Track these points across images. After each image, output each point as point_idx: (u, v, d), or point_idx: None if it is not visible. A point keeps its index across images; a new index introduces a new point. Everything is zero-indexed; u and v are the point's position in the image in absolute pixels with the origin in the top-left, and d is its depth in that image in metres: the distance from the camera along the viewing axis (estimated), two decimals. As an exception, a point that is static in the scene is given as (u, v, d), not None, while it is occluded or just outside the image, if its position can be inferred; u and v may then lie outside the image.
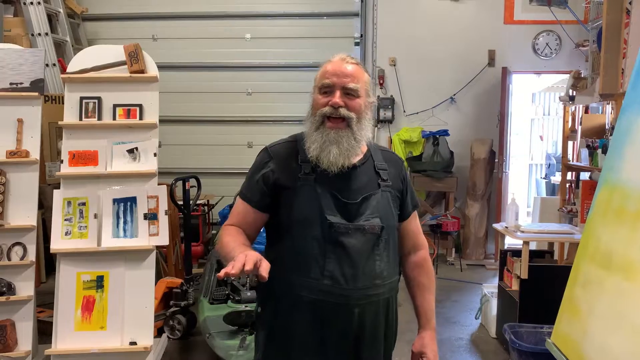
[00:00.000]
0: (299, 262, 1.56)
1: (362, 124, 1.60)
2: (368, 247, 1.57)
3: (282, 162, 1.62)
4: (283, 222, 1.60)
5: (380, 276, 1.59)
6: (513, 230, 3.75)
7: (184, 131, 6.41)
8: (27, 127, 3.33)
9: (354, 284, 1.55)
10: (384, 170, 1.66)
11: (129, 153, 3.36)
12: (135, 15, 6.42)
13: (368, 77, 1.65)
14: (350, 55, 1.64)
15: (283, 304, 1.60)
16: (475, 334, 4.09)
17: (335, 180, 1.58)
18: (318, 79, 1.62)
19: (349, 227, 1.55)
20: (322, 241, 1.54)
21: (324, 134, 1.56)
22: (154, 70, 3.45)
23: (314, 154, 1.56)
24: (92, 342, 3.16)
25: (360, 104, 1.58)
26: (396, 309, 1.72)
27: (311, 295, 1.55)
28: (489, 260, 6.04)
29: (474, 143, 6.09)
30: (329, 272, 1.54)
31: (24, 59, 3.40)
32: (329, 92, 1.58)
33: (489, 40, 6.23)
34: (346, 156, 1.56)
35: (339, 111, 1.56)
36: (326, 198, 1.56)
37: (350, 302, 1.55)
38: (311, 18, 6.38)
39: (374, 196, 1.60)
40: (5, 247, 3.23)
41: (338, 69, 1.58)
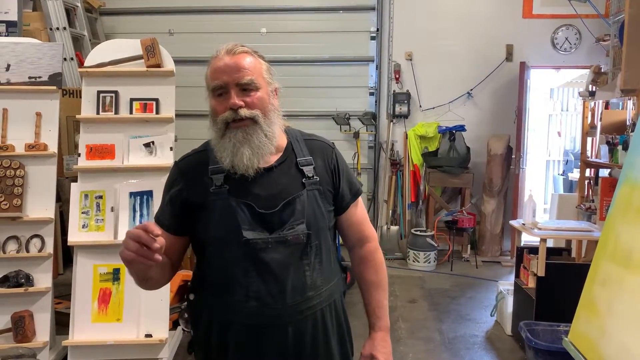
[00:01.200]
0: (222, 285, 1.43)
1: (270, 118, 1.43)
2: (294, 259, 1.42)
3: (192, 178, 1.46)
4: (202, 242, 1.47)
5: (312, 287, 1.45)
6: (530, 227, 3.71)
7: (199, 125, 6.39)
8: (45, 120, 3.36)
9: (283, 301, 1.41)
10: (308, 166, 1.47)
11: (146, 147, 3.39)
12: (152, 10, 6.45)
13: (265, 63, 1.46)
14: (237, 44, 1.45)
15: (214, 328, 1.47)
16: (491, 331, 4.06)
17: (251, 188, 1.41)
18: (208, 81, 1.42)
19: (269, 241, 1.39)
20: (241, 260, 1.39)
21: (231, 137, 1.38)
22: (171, 64, 3.47)
23: (227, 162, 1.39)
24: (108, 334, 3.20)
25: (261, 97, 1.41)
26: (343, 309, 1.59)
27: (240, 319, 1.42)
28: (504, 257, 5.99)
29: (491, 139, 6.03)
30: (254, 293, 1.40)
31: (43, 53, 3.43)
32: (223, 92, 1.39)
33: (507, 34, 6.15)
34: (260, 155, 1.39)
35: (239, 113, 1.37)
36: (242, 211, 1.39)
37: (282, 322, 1.42)
38: (327, 12, 6.35)
39: (297, 199, 1.43)
40: (23, 239, 3.28)
41: (227, 64, 1.39)
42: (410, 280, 5.23)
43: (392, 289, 4.87)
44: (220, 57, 1.42)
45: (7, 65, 3.36)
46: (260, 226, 1.40)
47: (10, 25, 5.08)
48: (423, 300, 4.69)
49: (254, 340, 1.43)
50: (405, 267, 5.65)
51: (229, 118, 1.38)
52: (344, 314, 1.59)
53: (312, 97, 6.21)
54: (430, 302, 4.62)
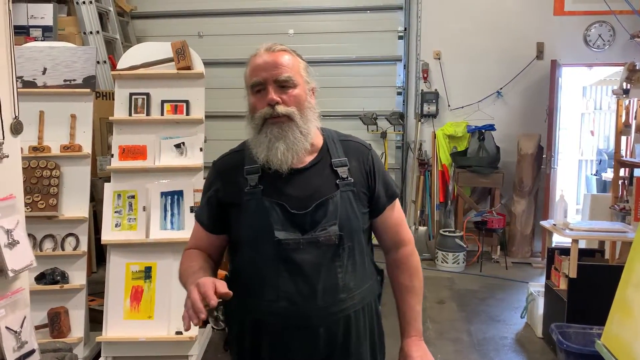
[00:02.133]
0: (254, 285, 1.44)
1: (306, 115, 1.44)
2: (326, 261, 1.41)
3: (228, 178, 1.49)
4: (236, 242, 1.49)
5: (345, 289, 1.44)
6: (561, 228, 3.64)
7: (228, 126, 6.50)
8: (79, 122, 3.46)
9: (314, 303, 1.40)
10: (342, 167, 1.47)
11: (176, 148, 3.45)
12: (182, 13, 6.55)
13: (303, 62, 1.49)
14: (276, 43, 1.48)
15: (247, 327, 1.48)
16: (521, 333, 4.01)
17: (285, 188, 1.42)
18: (247, 78, 1.46)
19: (300, 242, 1.39)
20: (273, 260, 1.40)
21: (267, 133, 1.41)
22: (200, 66, 3.52)
23: (262, 157, 1.41)
24: (140, 331, 3.27)
25: (298, 94, 1.43)
26: (378, 315, 1.58)
27: (271, 318, 1.43)
28: (535, 258, 5.89)
29: (521, 138, 5.94)
30: (285, 293, 1.40)
31: (77, 56, 3.53)
32: (262, 89, 1.42)
33: (538, 32, 6.05)
34: (294, 151, 1.40)
35: (276, 109, 1.40)
36: (275, 211, 1.40)
37: (313, 323, 1.42)
38: (354, 12, 6.35)
39: (331, 200, 1.42)
40: (59, 237, 3.37)
41: (266, 62, 1.42)
42: (439, 281, 5.19)
43: (420, 290, 4.84)
44: (259, 55, 1.45)
45: (44, 68, 3.47)
46: (292, 227, 1.40)
47: (46, 30, 5.24)
48: (452, 302, 4.65)
49: (285, 340, 1.44)
50: (434, 268, 5.61)
51: (267, 114, 1.40)
52: (378, 317, 1.57)
53: (339, 97, 6.21)
54: (459, 303, 4.58)
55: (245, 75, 1.47)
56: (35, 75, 3.45)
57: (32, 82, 3.43)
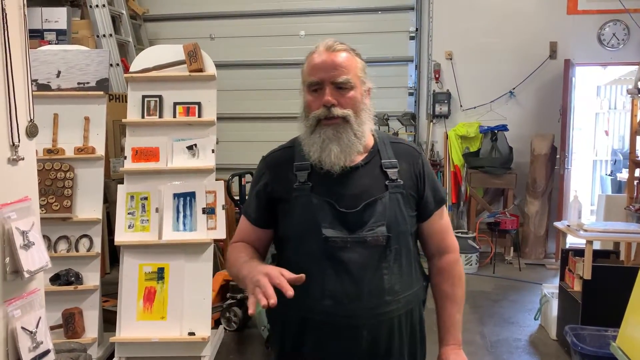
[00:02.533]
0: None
1: (361, 118, 1.42)
2: (373, 261, 1.40)
3: (278, 173, 1.48)
4: (282, 237, 1.49)
5: (390, 292, 1.42)
6: (576, 229, 3.61)
7: (240, 128, 6.54)
8: (93, 124, 3.49)
9: (359, 302, 1.39)
10: (392, 169, 1.45)
11: (189, 149, 3.47)
12: (194, 15, 6.58)
13: (361, 62, 1.47)
14: (337, 41, 1.46)
15: (289, 325, 1.48)
16: (535, 335, 3.97)
17: (334, 187, 1.42)
18: (305, 76, 1.44)
19: (347, 241, 1.38)
20: (320, 258, 1.39)
21: (321, 133, 1.40)
22: (212, 68, 3.54)
23: (315, 157, 1.40)
24: (153, 332, 3.29)
25: (355, 96, 1.41)
26: (421, 322, 1.55)
27: (315, 316, 1.42)
28: (549, 259, 5.84)
29: (535, 138, 5.89)
30: (330, 292, 1.39)
31: (90, 59, 3.56)
32: (318, 89, 1.40)
33: (551, 31, 6.00)
34: (347, 153, 1.39)
35: (332, 111, 1.38)
36: (323, 209, 1.40)
37: (357, 323, 1.40)
38: (366, 13, 6.35)
39: (379, 201, 1.41)
40: (73, 238, 3.41)
41: (324, 61, 1.40)
42: (451, 282, 5.16)
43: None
44: (318, 53, 1.43)
45: (58, 72, 3.51)
46: (340, 225, 1.39)
47: (60, 33, 5.30)
48: (464, 303, 4.60)
49: (328, 339, 1.43)
50: (446, 269, 5.58)
51: (322, 115, 1.39)
52: (421, 324, 1.54)
53: (351, 99, 6.21)
54: (471, 305, 4.55)
55: (303, 72, 1.45)
56: (50, 79, 3.49)
57: (46, 85, 3.47)
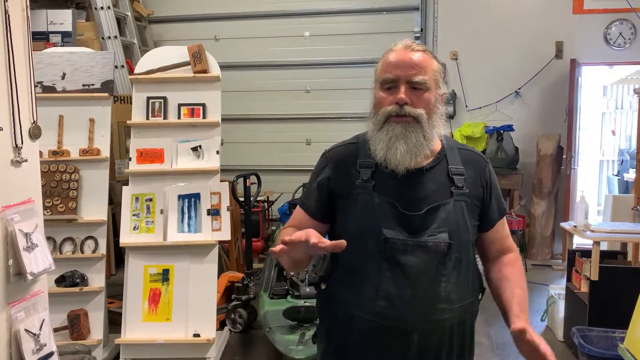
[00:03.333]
0: (353, 279, 1.42)
1: (433, 121, 1.39)
2: (432, 267, 1.37)
3: (340, 168, 1.47)
4: (339, 234, 1.45)
5: (446, 300, 1.39)
6: (582, 230, 3.59)
7: (244, 129, 6.54)
8: (98, 126, 3.50)
9: (413, 307, 1.36)
10: (459, 176, 1.42)
11: (193, 151, 3.47)
12: (198, 17, 6.59)
13: (438, 66, 1.43)
14: (416, 42, 1.42)
15: (338, 321, 1.47)
16: (541, 336, 3.94)
17: (398, 188, 1.39)
18: (379, 72, 1.41)
19: (408, 244, 1.36)
20: (377, 258, 1.37)
21: (389, 130, 1.37)
22: (217, 70, 3.54)
23: (380, 155, 1.38)
24: (158, 333, 3.29)
25: (429, 98, 1.38)
26: (472, 335, 1.52)
27: (365, 316, 1.40)
28: (555, 260, 5.81)
29: (540, 139, 5.86)
30: (384, 293, 1.37)
31: (95, 61, 3.57)
32: (392, 87, 1.38)
33: (557, 31, 5.97)
34: (414, 154, 1.36)
35: (404, 109, 1.35)
36: (385, 209, 1.38)
37: (408, 327, 1.38)
38: (370, 14, 6.33)
39: (443, 207, 1.38)
40: (78, 240, 3.41)
41: (402, 60, 1.37)
42: (457, 283, 5.14)
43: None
44: (397, 50, 1.40)
45: (63, 73, 3.52)
46: (400, 227, 1.37)
47: (65, 35, 5.32)
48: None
49: (376, 339, 1.41)
50: (452, 270, 5.55)
51: (392, 112, 1.37)
52: (471, 336, 1.51)
53: (356, 99, 6.19)
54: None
55: (377, 70, 1.43)
56: (55, 80, 3.50)
57: (51, 87, 3.48)
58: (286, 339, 3.16)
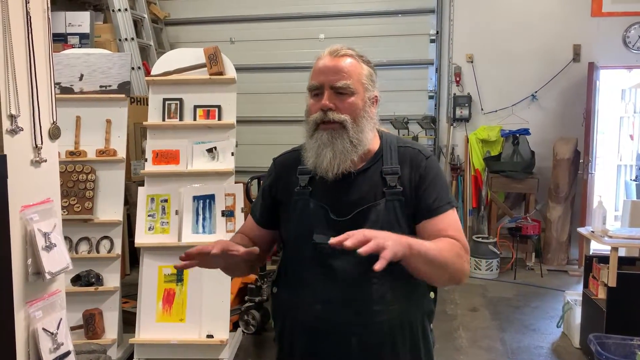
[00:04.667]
0: (295, 283, 1.45)
1: (360, 125, 1.39)
2: (361, 269, 1.33)
3: (283, 176, 1.51)
4: (284, 239, 1.51)
5: (380, 301, 1.38)
6: (600, 235, 3.53)
7: (259, 131, 6.55)
8: (114, 127, 3.52)
9: (347, 310, 1.38)
10: (392, 175, 1.41)
11: (208, 152, 3.48)
12: (214, 19, 6.62)
13: (366, 69, 1.44)
14: (345, 46, 1.44)
15: (288, 324, 1.50)
16: (557, 343, 3.90)
17: (331, 193, 1.41)
18: (309, 80, 1.44)
19: (336, 248, 1.27)
20: (311, 263, 1.40)
21: (318, 138, 1.39)
22: (232, 72, 3.55)
23: (310, 162, 1.40)
24: (172, 333, 3.30)
25: (354, 102, 1.39)
26: (425, 335, 1.47)
27: (306, 319, 1.43)
28: (572, 266, 5.73)
29: (557, 142, 5.79)
30: (320, 297, 1.40)
31: (113, 62, 3.60)
32: (319, 93, 1.40)
33: (575, 34, 5.90)
34: (341, 160, 1.37)
35: (328, 115, 1.37)
36: (318, 214, 1.41)
37: (346, 330, 1.39)
38: (385, 16, 6.31)
39: (373, 208, 1.38)
40: (94, 240, 3.44)
41: (325, 66, 1.40)
42: (472, 288, 5.10)
43: (453, 297, 4.76)
44: (322, 58, 1.43)
45: (81, 75, 3.55)
46: (331, 231, 1.34)
47: (83, 37, 5.38)
48: (485, 309, 4.55)
49: (318, 344, 1.43)
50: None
51: (318, 119, 1.39)
52: (424, 336, 1.47)
53: (370, 102, 6.18)
54: (492, 311, 4.48)
55: (309, 77, 1.46)
56: (73, 82, 3.53)
57: (69, 88, 3.52)
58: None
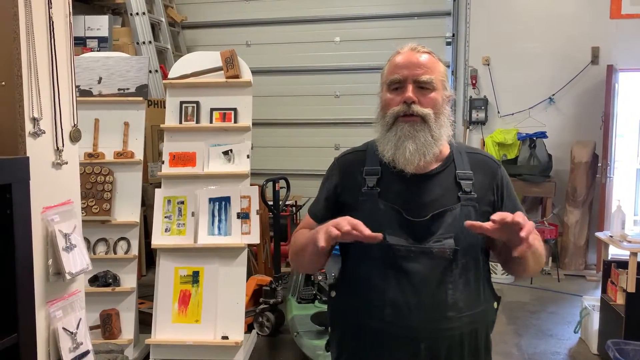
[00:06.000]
0: (361, 287, 1.41)
1: (440, 121, 1.39)
2: (437, 274, 1.34)
3: (348, 175, 1.48)
4: (346, 243, 1.40)
5: (454, 307, 1.36)
6: (619, 240, 3.49)
7: (274, 134, 6.58)
8: (132, 129, 3.56)
9: (419, 315, 1.35)
10: (466, 180, 1.40)
11: (224, 155, 3.50)
12: (231, 23, 6.67)
13: (444, 68, 1.45)
14: (421, 45, 1.45)
15: (349, 330, 1.47)
16: (574, 349, 3.85)
17: (403, 194, 1.38)
18: (386, 75, 1.43)
19: (411, 250, 1.34)
20: (382, 265, 1.36)
21: (398, 130, 1.36)
22: (248, 75, 3.57)
23: (389, 155, 1.37)
24: (187, 335, 3.32)
25: (436, 98, 1.38)
26: (487, 346, 1.47)
27: (373, 324, 1.39)
28: (589, 271, 5.66)
29: (575, 146, 5.73)
30: (390, 300, 1.36)
31: (130, 66, 3.64)
32: (399, 87, 1.38)
33: (593, 36, 5.84)
34: (423, 153, 1.35)
35: (412, 108, 1.35)
36: (389, 215, 1.37)
37: (416, 336, 1.36)
38: (402, 19, 6.30)
39: (449, 212, 1.36)
40: (111, 241, 3.47)
41: (409, 60, 1.39)
42: (487, 292, 5.06)
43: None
44: (403, 53, 1.42)
45: (99, 78, 3.60)
46: (405, 233, 1.35)
47: (101, 40, 5.45)
48: (501, 314, 4.51)
49: (386, 349, 1.40)
50: (482, 279, 5.47)
51: (400, 111, 1.37)
52: (487, 346, 1.46)
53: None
54: (508, 316, 4.44)
55: (383, 73, 1.44)
56: (92, 85, 3.58)
57: (88, 91, 3.56)
58: (314, 344, 3.15)
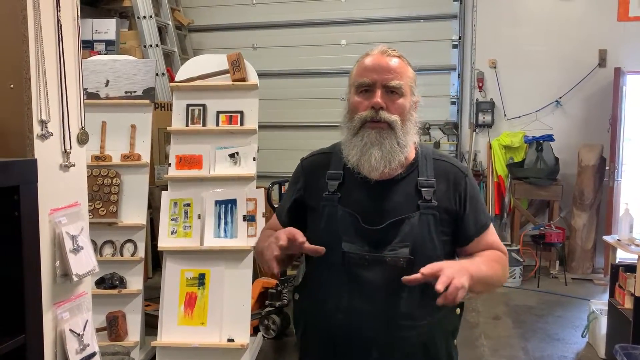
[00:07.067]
0: (318, 291, 1.42)
1: (407, 127, 1.37)
2: (391, 283, 1.31)
3: (312, 179, 1.47)
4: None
5: (407, 316, 1.34)
6: (627, 244, 3.47)
7: (280, 136, 6.58)
8: (139, 132, 3.58)
9: (371, 323, 1.34)
10: (428, 188, 1.37)
11: (231, 157, 3.51)
12: (237, 26, 6.69)
13: (413, 73, 1.42)
14: (391, 47, 1.42)
15: (308, 331, 1.48)
16: (582, 353, 3.82)
17: (363, 200, 1.37)
18: (354, 77, 1.39)
19: (365, 258, 1.33)
20: (338, 271, 1.36)
21: (364, 136, 1.34)
22: (255, 78, 3.58)
23: (354, 161, 1.36)
24: (193, 337, 3.32)
25: (404, 104, 1.36)
26: (449, 353, 1.44)
27: (330, 329, 1.39)
28: (597, 274, 5.63)
29: (582, 149, 5.70)
30: (344, 307, 1.36)
31: (138, 69, 3.66)
32: (368, 91, 1.36)
33: (600, 38, 5.82)
34: (388, 161, 1.33)
35: (379, 114, 1.33)
36: (346, 222, 1.36)
37: (367, 344, 1.35)
38: (408, 22, 6.30)
39: (407, 220, 1.34)
40: (118, 243, 3.49)
41: (378, 64, 1.36)
42: (494, 296, 5.03)
43: (475, 305, 4.71)
44: (373, 55, 1.39)
45: (107, 81, 3.62)
46: (361, 241, 1.35)
47: (109, 43, 5.48)
48: (507, 317, 4.49)
49: (337, 354, 1.40)
50: (488, 282, 5.44)
51: (368, 117, 1.35)
52: (449, 355, 1.44)
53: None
54: (515, 320, 4.42)
55: (351, 75, 1.42)
56: (99, 87, 3.60)
57: (95, 93, 3.58)
58: (320, 347, 3.14)
